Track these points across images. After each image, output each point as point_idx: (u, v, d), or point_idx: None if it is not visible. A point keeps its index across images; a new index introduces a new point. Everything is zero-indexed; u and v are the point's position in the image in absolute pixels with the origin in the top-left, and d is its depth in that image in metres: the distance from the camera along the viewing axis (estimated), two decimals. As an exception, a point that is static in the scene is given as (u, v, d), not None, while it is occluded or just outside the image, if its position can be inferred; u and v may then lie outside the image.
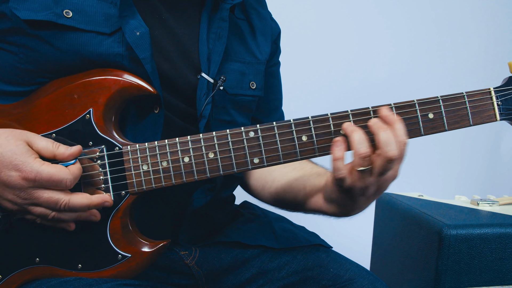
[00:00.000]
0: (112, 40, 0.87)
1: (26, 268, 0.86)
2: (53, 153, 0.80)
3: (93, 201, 0.82)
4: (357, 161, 0.79)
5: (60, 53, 0.86)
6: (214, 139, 0.85)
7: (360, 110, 0.84)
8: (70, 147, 0.81)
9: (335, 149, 0.81)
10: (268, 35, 1.14)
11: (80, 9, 0.87)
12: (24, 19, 0.84)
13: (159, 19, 0.96)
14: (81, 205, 0.80)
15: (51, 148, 0.80)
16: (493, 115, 0.88)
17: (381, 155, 0.78)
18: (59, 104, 0.86)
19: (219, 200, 1.08)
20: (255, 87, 1.07)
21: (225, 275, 1.04)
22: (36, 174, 0.76)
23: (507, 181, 2.63)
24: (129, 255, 0.85)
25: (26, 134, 0.81)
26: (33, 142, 0.80)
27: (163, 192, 0.93)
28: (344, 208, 0.88)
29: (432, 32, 2.50)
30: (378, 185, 0.82)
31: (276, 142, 0.85)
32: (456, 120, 0.86)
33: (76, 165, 0.81)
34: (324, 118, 0.85)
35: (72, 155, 0.81)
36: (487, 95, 0.87)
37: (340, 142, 0.81)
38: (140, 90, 0.87)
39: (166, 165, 0.85)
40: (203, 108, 0.96)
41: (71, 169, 0.80)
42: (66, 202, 0.79)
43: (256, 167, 0.86)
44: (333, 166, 0.81)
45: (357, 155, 0.79)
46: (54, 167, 0.78)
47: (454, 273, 1.26)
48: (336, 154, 0.81)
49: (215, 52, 0.99)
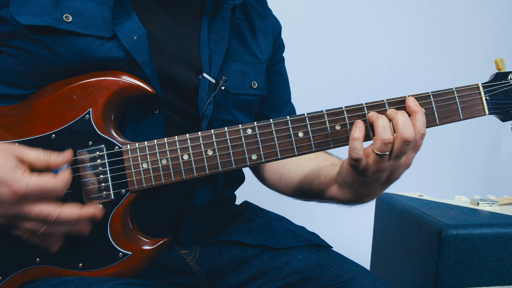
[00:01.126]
0: (111, 44, 0.88)
1: (26, 269, 0.86)
2: (46, 162, 0.79)
3: (83, 213, 0.81)
4: (378, 145, 0.82)
5: (60, 57, 0.86)
6: (212, 136, 0.86)
7: (354, 107, 0.87)
8: (62, 153, 0.81)
9: (355, 129, 0.85)
10: (269, 34, 1.15)
11: (79, 13, 0.87)
12: (24, 24, 0.84)
13: (159, 21, 0.97)
14: (71, 217, 0.79)
15: (43, 158, 0.79)
16: (482, 109, 0.91)
17: (398, 137, 0.82)
18: (59, 105, 0.87)
19: (221, 199, 1.09)
20: (256, 86, 1.08)
21: (225, 275, 1.04)
22: (26, 188, 0.75)
23: (507, 181, 2.64)
24: (130, 253, 0.86)
25: (16, 149, 0.79)
26: (24, 156, 0.79)
27: (165, 191, 0.94)
28: (357, 193, 0.92)
29: (431, 32, 2.51)
30: (391, 170, 0.86)
31: (273, 139, 0.87)
32: (447, 115, 0.90)
33: (67, 170, 0.80)
34: (319, 115, 0.87)
35: (65, 160, 0.81)
36: (475, 90, 0.91)
37: (361, 124, 0.85)
38: (139, 90, 0.88)
39: (165, 162, 0.86)
40: (205, 108, 0.97)
41: (61, 175, 0.79)
42: (57, 214, 0.77)
43: (254, 163, 0.87)
44: (351, 146, 0.84)
45: (380, 140, 0.82)
46: (43, 177, 0.77)
47: (454, 273, 1.26)
48: (355, 135, 0.84)
49: (216, 53, 1.00)
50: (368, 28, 2.46)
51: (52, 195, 0.77)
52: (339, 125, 0.87)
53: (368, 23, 2.46)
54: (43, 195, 0.76)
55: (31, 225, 0.78)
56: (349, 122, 0.87)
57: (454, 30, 2.55)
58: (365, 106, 0.87)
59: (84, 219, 0.81)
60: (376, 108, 0.87)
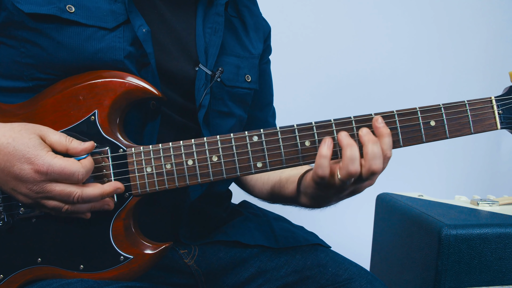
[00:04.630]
0: (113, 35, 0.88)
1: (27, 268, 0.86)
2: (66, 147, 0.80)
3: (106, 190, 0.82)
4: (344, 174, 0.79)
5: (61, 46, 0.86)
6: (218, 142, 0.86)
7: (362, 117, 0.85)
8: (83, 142, 0.81)
9: (323, 146, 0.81)
10: (260, 32, 1.16)
11: (82, 4, 0.88)
12: (27, 13, 0.84)
13: (157, 14, 0.97)
14: (94, 196, 0.81)
15: (64, 142, 0.80)
16: (494, 123, 0.89)
17: (366, 167, 0.79)
18: (65, 105, 0.86)
19: (215, 194, 1.09)
20: (250, 80, 1.09)
21: (224, 274, 1.05)
22: (48, 167, 0.76)
23: (507, 181, 2.63)
24: (131, 256, 0.86)
25: (39, 128, 0.81)
26: (46, 136, 0.80)
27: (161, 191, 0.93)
28: (316, 202, 0.91)
29: (434, 36, 2.50)
30: (354, 189, 0.84)
31: (279, 147, 0.86)
32: (458, 128, 0.88)
33: (88, 159, 0.82)
34: (327, 124, 0.85)
35: (84, 149, 0.81)
36: (488, 103, 0.89)
37: (330, 141, 0.81)
38: (145, 92, 0.87)
39: (170, 167, 0.85)
40: (202, 97, 0.97)
41: (83, 162, 0.80)
42: (80, 194, 0.79)
43: (259, 171, 0.86)
44: (317, 163, 0.81)
45: (346, 170, 0.79)
46: (66, 160, 0.78)
47: (454, 273, 1.26)
48: (322, 152, 0.80)
49: (211, 45, 1.01)
50: (368, 28, 2.46)
51: (72, 180, 0.78)
52: None
53: (368, 25, 2.45)
54: (64, 178, 0.78)
55: (54, 203, 0.79)
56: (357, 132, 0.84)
57: (454, 30, 2.55)
58: (373, 115, 0.85)
59: (107, 195, 0.82)
60: (385, 118, 0.85)
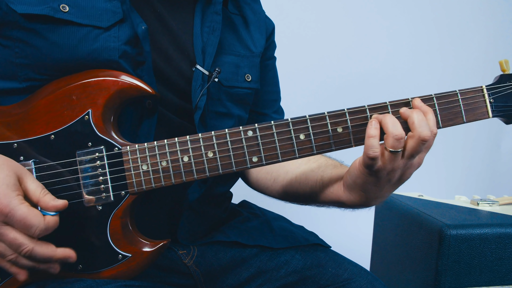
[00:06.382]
0: (108, 35, 0.88)
1: None
2: (38, 199, 0.77)
3: (56, 254, 0.78)
4: (391, 142, 0.80)
5: (55, 47, 0.85)
6: (213, 138, 0.86)
7: (356, 108, 0.86)
8: (57, 200, 0.78)
9: (370, 127, 0.82)
10: (262, 29, 1.15)
11: (76, 3, 0.87)
12: (21, 13, 0.84)
13: (154, 13, 0.97)
14: (43, 255, 0.76)
15: (38, 194, 0.77)
16: (485, 112, 0.90)
17: (415, 136, 0.80)
18: (58, 106, 0.86)
19: (214, 195, 1.09)
20: (250, 79, 1.08)
21: (223, 275, 1.04)
22: (10, 210, 0.72)
23: (507, 181, 2.64)
24: (130, 255, 0.85)
25: (22, 170, 0.78)
26: (25, 180, 0.77)
27: (159, 191, 0.93)
28: (367, 195, 0.88)
29: (434, 36, 2.51)
30: (404, 170, 0.84)
31: (274, 141, 0.86)
32: (450, 117, 0.89)
33: (54, 218, 0.77)
34: (321, 117, 0.86)
35: (54, 207, 0.77)
36: (479, 92, 0.90)
37: (376, 121, 0.82)
38: (139, 91, 0.87)
39: (165, 164, 0.85)
40: (198, 99, 0.96)
41: (47, 219, 0.76)
42: (30, 249, 0.75)
43: (254, 165, 0.86)
44: (367, 144, 0.81)
45: (391, 136, 0.80)
46: (32, 210, 0.74)
47: (454, 273, 1.26)
48: (371, 132, 0.81)
49: (209, 45, 1.00)
50: (368, 28, 2.46)
51: (29, 232, 0.74)
52: (341, 128, 0.86)
53: (368, 24, 2.46)
54: (21, 226, 0.74)
55: (2, 247, 0.76)
56: (351, 124, 0.86)
57: (454, 30, 2.55)
58: (367, 108, 0.86)
59: (56, 260, 0.79)
60: (378, 110, 0.86)
